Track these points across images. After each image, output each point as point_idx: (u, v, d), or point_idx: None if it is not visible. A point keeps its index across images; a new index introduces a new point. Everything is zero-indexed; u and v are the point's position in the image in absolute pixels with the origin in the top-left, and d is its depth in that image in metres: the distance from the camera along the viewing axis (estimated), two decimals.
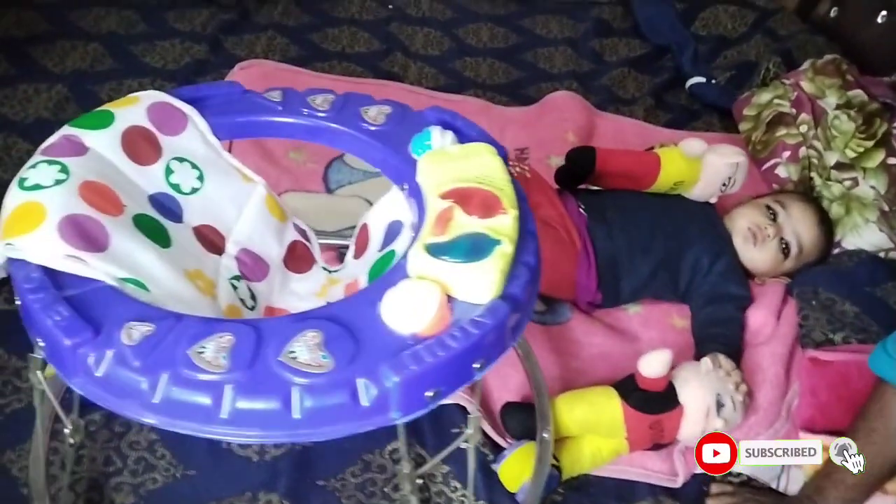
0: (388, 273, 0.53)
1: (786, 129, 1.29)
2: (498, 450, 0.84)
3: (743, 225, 1.07)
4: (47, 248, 0.48)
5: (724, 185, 1.08)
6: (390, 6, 1.75)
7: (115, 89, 1.33)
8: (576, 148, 1.09)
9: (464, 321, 0.49)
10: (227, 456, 0.80)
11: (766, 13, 1.74)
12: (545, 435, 0.78)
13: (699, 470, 0.87)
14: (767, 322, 1.02)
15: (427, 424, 0.86)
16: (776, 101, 1.34)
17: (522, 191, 0.64)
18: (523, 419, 0.82)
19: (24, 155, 1.15)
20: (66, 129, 0.58)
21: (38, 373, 0.54)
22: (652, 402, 0.82)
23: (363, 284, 0.63)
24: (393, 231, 0.64)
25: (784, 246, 1.06)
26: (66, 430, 0.58)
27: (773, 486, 0.88)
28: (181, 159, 0.63)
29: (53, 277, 0.49)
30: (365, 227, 0.69)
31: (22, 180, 0.52)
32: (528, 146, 1.33)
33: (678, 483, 0.86)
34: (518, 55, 1.68)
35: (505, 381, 0.91)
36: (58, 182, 0.52)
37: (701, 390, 0.82)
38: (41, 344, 0.47)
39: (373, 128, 0.69)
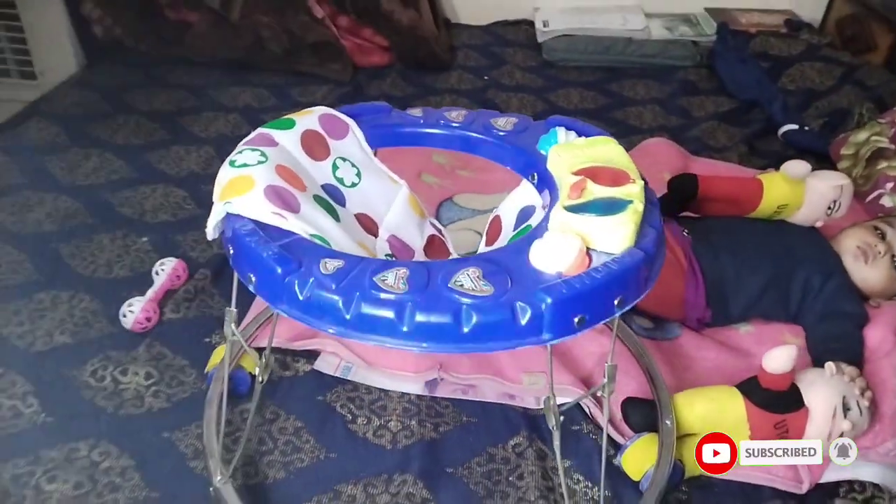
0: (531, 232, 0.61)
1: (886, 163, 1.31)
2: (616, 445, 0.86)
3: (852, 244, 1.09)
4: (257, 206, 0.60)
5: (829, 209, 1.10)
6: (486, 77, 1.91)
7: None
8: (678, 175, 1.15)
9: (606, 261, 0.56)
10: (363, 443, 0.87)
11: (854, 66, 1.79)
12: (668, 422, 0.81)
13: (824, 479, 0.86)
14: (886, 339, 1.01)
15: (545, 423, 0.90)
16: (874, 138, 1.37)
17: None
18: (644, 412, 0.85)
19: (181, 201, 1.32)
20: (261, 130, 0.71)
21: (232, 325, 0.64)
22: (777, 401, 0.83)
23: None
24: (525, 214, 0.72)
25: None
26: (257, 369, 0.67)
27: None
28: (344, 159, 0.75)
29: (262, 230, 0.59)
30: (497, 217, 0.77)
31: (232, 161, 0.65)
32: None
33: (803, 490, 0.85)
34: (608, 113, 1.78)
35: (620, 386, 0.94)
36: (260, 162, 0.64)
37: (827, 391, 0.83)
38: (252, 279, 0.56)
39: (502, 133, 0.79)
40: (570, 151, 0.70)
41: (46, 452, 0.82)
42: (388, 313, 0.51)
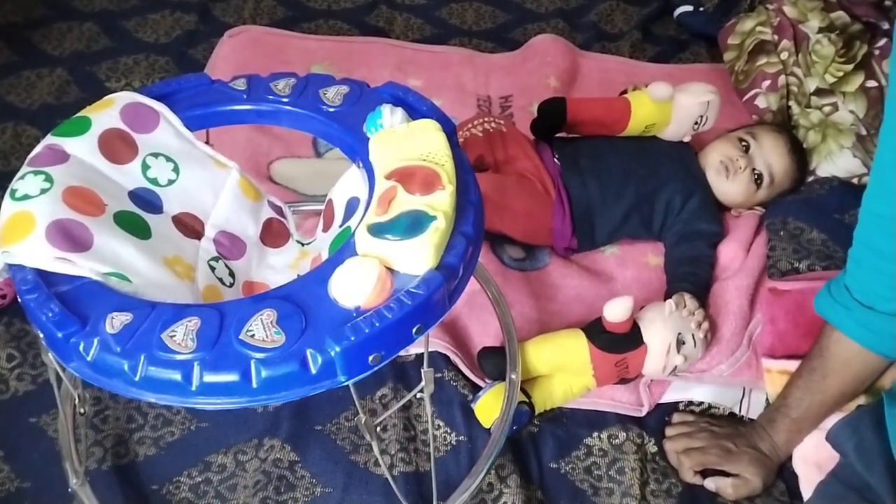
0: (337, 252, 0.60)
1: (766, 58, 1.29)
2: (477, 390, 0.92)
3: (715, 159, 1.11)
4: (38, 253, 0.56)
5: (695, 123, 1.10)
6: None
7: (111, 68, 1.39)
8: (546, 100, 1.12)
9: (402, 292, 0.56)
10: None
11: None
12: (513, 376, 0.86)
13: (663, 400, 0.95)
14: (737, 256, 1.06)
15: (413, 371, 0.95)
16: (758, 28, 1.34)
17: (467, 162, 0.69)
18: (497, 362, 0.90)
19: (34, 142, 1.20)
20: (49, 139, 0.65)
21: (50, 354, 0.63)
22: (617, 343, 0.88)
23: (325, 258, 0.70)
24: (351, 207, 0.70)
25: (756, 176, 1.09)
26: (76, 402, 0.67)
27: (735, 410, 0.95)
28: (156, 154, 0.70)
29: (46, 277, 0.56)
30: (330, 202, 0.75)
31: (13, 191, 0.59)
32: (512, 94, 1.36)
33: (643, 412, 0.93)
34: None
35: (485, 327, 0.98)
36: (43, 191, 0.59)
37: (663, 330, 0.88)
38: (41, 335, 0.55)
39: (331, 109, 0.75)
40: (388, 144, 0.67)
41: None
42: (176, 375, 0.51)
